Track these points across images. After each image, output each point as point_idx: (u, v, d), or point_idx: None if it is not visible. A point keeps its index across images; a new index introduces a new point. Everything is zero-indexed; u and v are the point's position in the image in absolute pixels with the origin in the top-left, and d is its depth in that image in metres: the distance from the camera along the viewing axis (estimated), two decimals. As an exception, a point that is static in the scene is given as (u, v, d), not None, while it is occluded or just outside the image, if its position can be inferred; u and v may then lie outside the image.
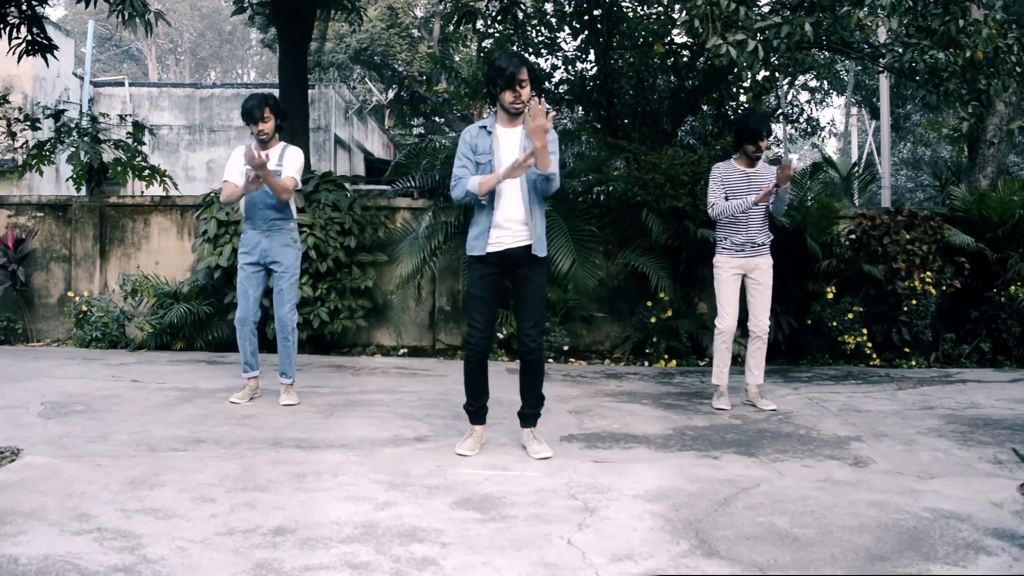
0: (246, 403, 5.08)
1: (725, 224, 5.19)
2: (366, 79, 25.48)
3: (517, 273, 3.94)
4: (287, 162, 5.00)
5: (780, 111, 15.93)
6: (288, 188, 4.93)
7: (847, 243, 7.44)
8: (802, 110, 19.40)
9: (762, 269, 5.19)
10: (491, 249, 3.89)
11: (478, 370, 4.00)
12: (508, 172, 3.79)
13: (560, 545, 2.78)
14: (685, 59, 9.24)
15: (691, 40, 7.46)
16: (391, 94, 25.12)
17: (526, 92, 3.83)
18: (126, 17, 7.27)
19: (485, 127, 3.95)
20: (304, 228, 7.03)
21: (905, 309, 7.07)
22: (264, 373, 5.88)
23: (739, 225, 5.15)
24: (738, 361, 7.16)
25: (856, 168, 15.59)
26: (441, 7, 18.45)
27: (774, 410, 5.11)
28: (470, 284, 4.03)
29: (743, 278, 5.21)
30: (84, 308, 7.73)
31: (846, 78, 19.05)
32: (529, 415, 4.04)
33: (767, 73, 9.37)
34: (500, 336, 7.36)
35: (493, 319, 4.05)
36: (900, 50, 6.72)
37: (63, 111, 8.68)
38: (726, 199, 5.16)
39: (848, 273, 7.25)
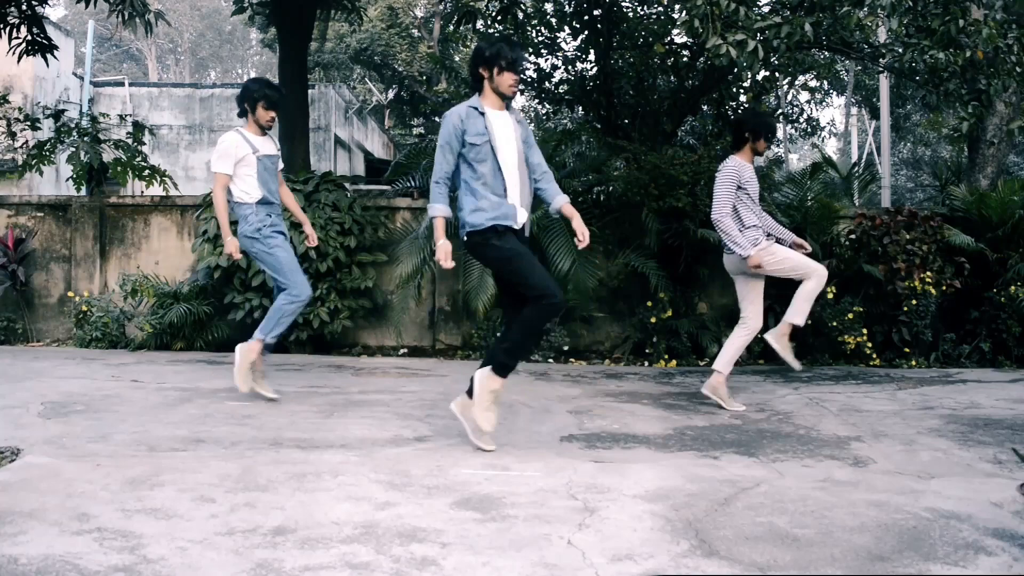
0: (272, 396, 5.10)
1: (755, 219, 5.02)
2: (366, 79, 25.48)
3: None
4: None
5: (780, 111, 15.93)
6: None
7: (847, 243, 7.44)
8: (802, 110, 19.43)
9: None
10: (501, 223, 3.91)
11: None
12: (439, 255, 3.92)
13: (560, 545, 2.78)
14: (685, 59, 9.25)
15: (691, 40, 7.46)
16: (391, 94, 25.12)
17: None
18: (126, 17, 7.29)
19: (476, 108, 3.93)
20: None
21: (905, 309, 7.07)
22: (267, 373, 5.88)
23: (760, 217, 5.09)
24: (738, 361, 7.17)
25: (856, 168, 15.57)
26: (441, 7, 18.45)
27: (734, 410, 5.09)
28: (506, 251, 3.88)
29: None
30: (84, 308, 7.73)
31: (846, 78, 19.05)
32: (496, 364, 3.93)
33: (767, 73, 9.38)
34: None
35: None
36: (900, 50, 6.72)
37: (63, 111, 8.69)
38: (735, 208, 4.99)
39: (848, 273, 7.26)
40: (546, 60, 10.17)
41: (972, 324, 7.36)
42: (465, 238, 4.00)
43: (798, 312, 5.03)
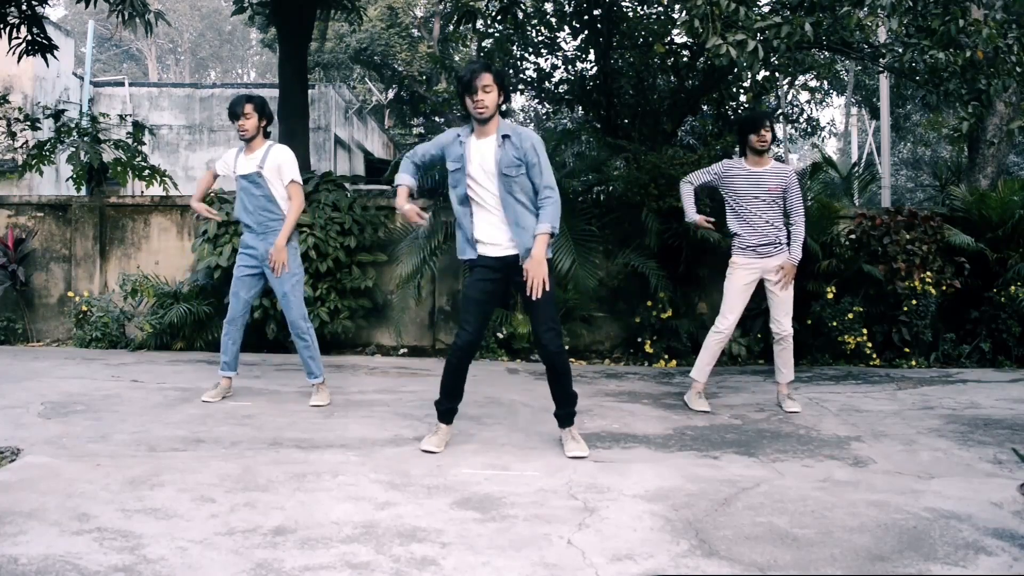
0: (218, 401, 5.05)
1: (739, 226, 5.03)
2: (366, 79, 25.48)
3: (516, 280, 3.91)
4: (275, 166, 4.89)
5: (780, 111, 15.94)
6: (296, 212, 4.93)
7: (847, 243, 7.43)
8: (802, 110, 19.43)
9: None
10: (483, 252, 3.94)
11: (458, 371, 4.02)
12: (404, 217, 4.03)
13: (560, 545, 2.78)
14: (685, 59, 9.25)
15: (691, 40, 7.45)
16: (391, 94, 25.11)
17: (490, 97, 3.80)
18: (126, 17, 7.28)
19: (459, 137, 3.96)
20: (304, 228, 7.03)
21: (905, 309, 7.07)
22: (266, 374, 5.88)
23: (752, 226, 4.97)
24: (738, 361, 7.17)
25: (856, 168, 15.58)
26: (441, 7, 18.45)
27: (797, 412, 5.07)
28: (467, 285, 4.05)
29: (761, 280, 5.06)
30: (84, 308, 7.73)
31: (846, 78, 19.05)
32: (563, 416, 4.04)
33: (767, 73, 9.38)
34: (500, 336, 7.36)
35: (484, 323, 4.03)
36: (900, 50, 6.72)
37: (63, 111, 8.69)
38: (701, 189, 5.22)
39: (848, 273, 7.25)
40: (546, 60, 10.18)
41: (972, 324, 7.36)
42: None
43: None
